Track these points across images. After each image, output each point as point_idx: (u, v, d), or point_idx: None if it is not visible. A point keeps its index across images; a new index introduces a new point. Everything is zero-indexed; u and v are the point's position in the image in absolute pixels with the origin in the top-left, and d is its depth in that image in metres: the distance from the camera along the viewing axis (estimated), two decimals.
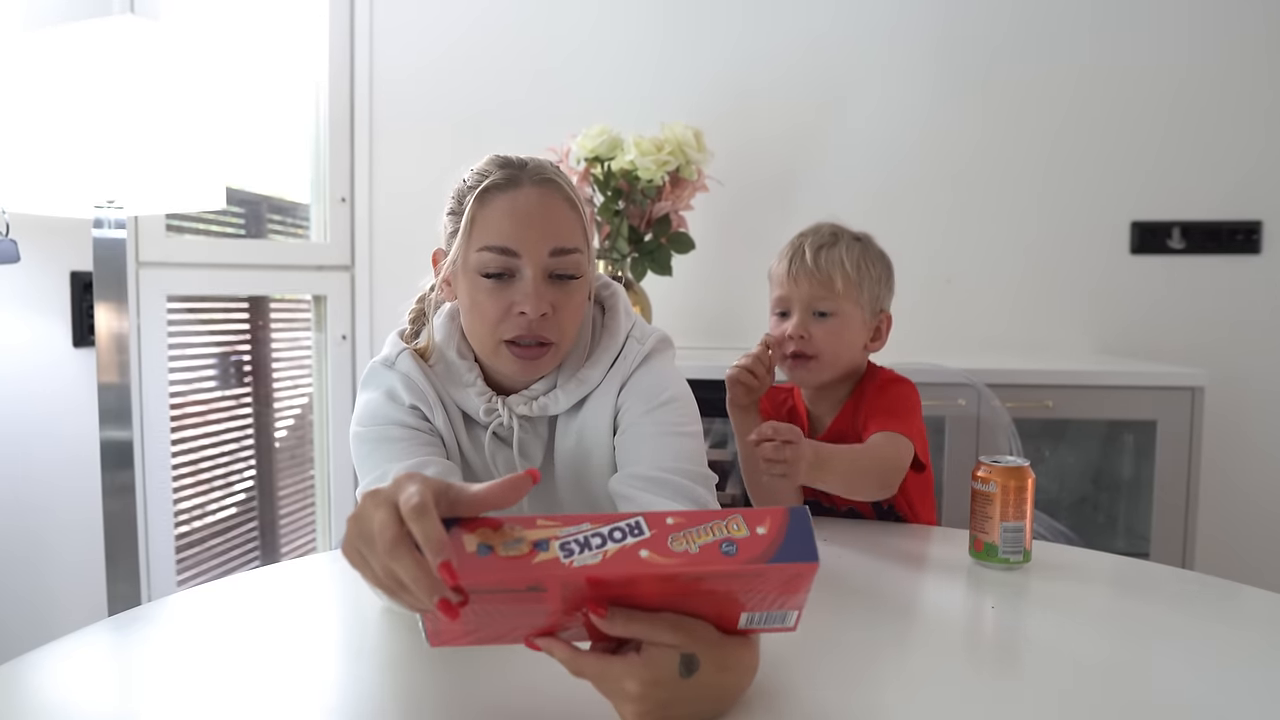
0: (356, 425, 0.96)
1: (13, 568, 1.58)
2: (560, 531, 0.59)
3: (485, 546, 0.58)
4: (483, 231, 0.92)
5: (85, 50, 1.25)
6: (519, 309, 0.91)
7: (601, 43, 2.33)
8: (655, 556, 0.59)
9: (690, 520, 0.60)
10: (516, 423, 0.98)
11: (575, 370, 0.99)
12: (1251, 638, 0.83)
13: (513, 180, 0.92)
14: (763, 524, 0.61)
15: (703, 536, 0.60)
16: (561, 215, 0.93)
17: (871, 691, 0.72)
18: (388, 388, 0.97)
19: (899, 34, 2.30)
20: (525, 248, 0.91)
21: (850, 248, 1.23)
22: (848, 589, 0.97)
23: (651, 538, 0.59)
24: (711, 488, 0.96)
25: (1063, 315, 2.31)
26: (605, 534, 0.59)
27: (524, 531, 0.59)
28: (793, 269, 1.23)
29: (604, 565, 0.58)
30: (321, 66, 2.27)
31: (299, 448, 2.31)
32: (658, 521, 0.60)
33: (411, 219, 2.23)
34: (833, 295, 1.21)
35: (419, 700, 0.69)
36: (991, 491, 0.99)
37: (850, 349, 1.23)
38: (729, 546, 0.60)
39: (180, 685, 0.72)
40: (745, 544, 0.60)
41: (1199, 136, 2.24)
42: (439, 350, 0.99)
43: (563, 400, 0.98)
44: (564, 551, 0.58)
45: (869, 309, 1.24)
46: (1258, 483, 2.24)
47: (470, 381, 0.98)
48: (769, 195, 2.30)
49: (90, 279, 1.47)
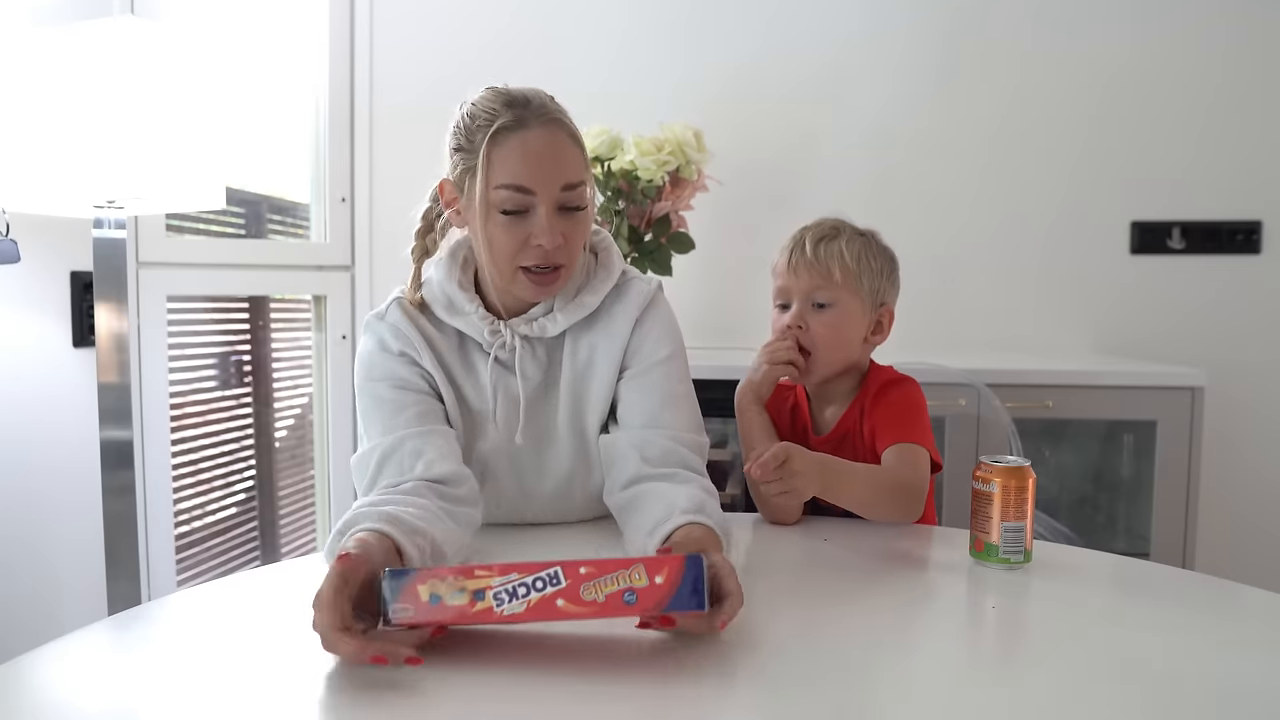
0: (356, 375, 1.09)
1: (13, 567, 1.58)
2: (494, 582, 0.73)
3: (435, 596, 0.74)
4: (498, 171, 0.99)
5: (85, 50, 1.25)
6: (536, 241, 1.00)
7: (601, 43, 2.33)
8: (569, 605, 0.73)
9: (600, 569, 0.73)
10: (519, 342, 1.08)
11: (572, 296, 1.09)
12: (1251, 638, 0.83)
13: (521, 121, 1.01)
14: (660, 573, 0.73)
15: (609, 586, 0.73)
16: (568, 151, 1.02)
17: (872, 691, 0.72)
18: (378, 337, 1.08)
19: (899, 33, 2.30)
20: (540, 185, 0.99)
21: (851, 241, 1.23)
22: (848, 589, 0.97)
23: (567, 588, 0.73)
24: (704, 454, 1.09)
25: (1063, 315, 2.31)
26: (530, 584, 0.73)
27: (465, 582, 0.74)
28: (792, 260, 1.23)
29: (528, 613, 0.73)
30: (321, 66, 2.27)
31: (299, 448, 2.31)
32: (573, 571, 0.73)
33: (411, 219, 2.22)
34: (830, 285, 1.21)
35: (419, 700, 0.69)
36: (992, 491, 0.99)
37: (848, 342, 1.23)
38: (630, 596, 0.72)
39: (180, 685, 0.72)
40: (644, 593, 0.72)
41: (1199, 136, 2.24)
42: (439, 285, 1.09)
43: (561, 321, 1.08)
44: (496, 601, 0.73)
45: (869, 301, 1.23)
46: (1258, 482, 2.24)
47: (471, 310, 1.07)
48: (769, 195, 2.30)
49: (90, 279, 1.47)
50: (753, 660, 0.77)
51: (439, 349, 1.08)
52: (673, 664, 0.76)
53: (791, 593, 0.97)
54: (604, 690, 0.70)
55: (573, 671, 0.73)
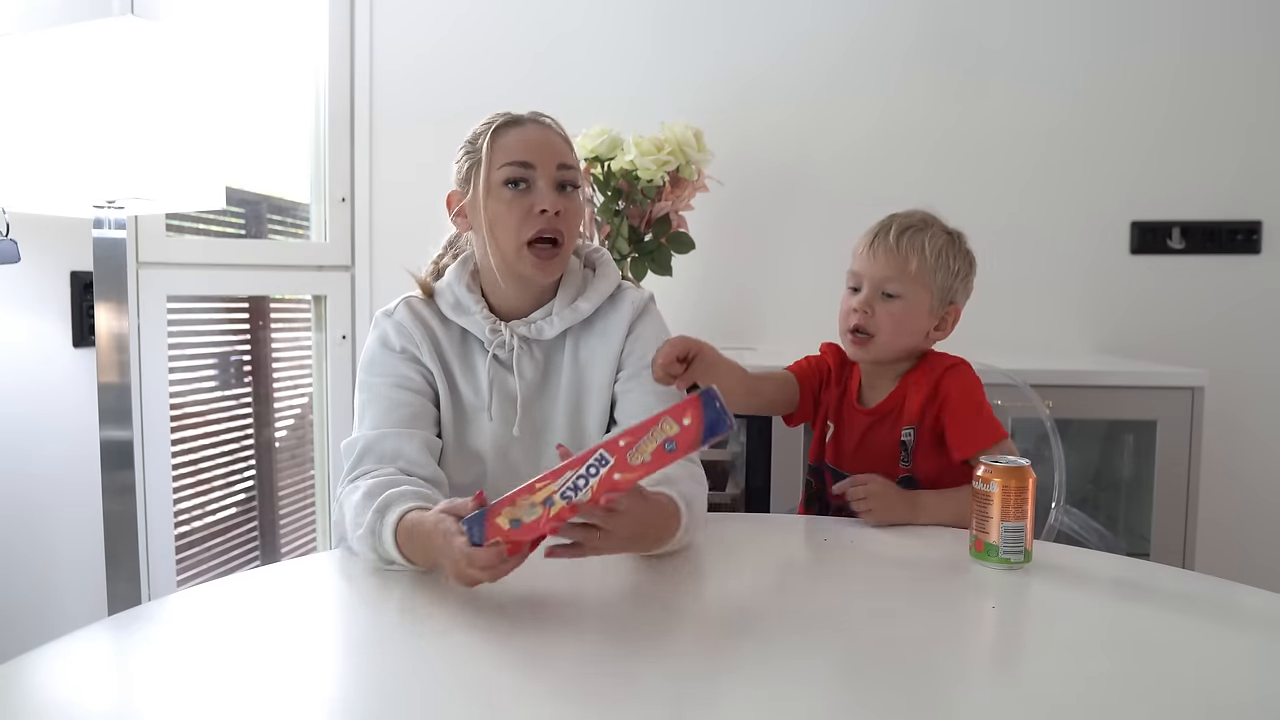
0: (360, 365, 1.17)
1: (13, 567, 1.58)
2: (555, 486, 0.82)
3: (515, 520, 0.82)
4: (501, 154, 1.12)
5: (85, 50, 1.25)
6: (539, 208, 1.11)
7: (602, 43, 2.33)
8: (625, 474, 0.82)
9: (635, 435, 0.82)
10: (517, 342, 1.15)
11: (569, 302, 1.18)
12: (1251, 638, 0.83)
13: (517, 120, 1.16)
14: (686, 415, 0.82)
15: (650, 444, 0.81)
16: (560, 143, 1.16)
17: (871, 691, 0.72)
18: (381, 334, 1.17)
19: (898, 33, 2.29)
20: (539, 160, 1.12)
21: (935, 237, 1.25)
22: (848, 588, 0.97)
23: (616, 462, 0.82)
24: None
25: (1063, 315, 2.31)
26: (585, 473, 0.82)
27: (533, 497, 0.82)
28: (874, 245, 1.25)
29: (595, 494, 0.82)
30: (321, 66, 2.26)
31: (299, 448, 2.31)
32: (614, 447, 0.82)
33: (411, 219, 2.22)
34: (904, 277, 1.23)
35: (418, 699, 0.69)
36: (992, 491, 0.99)
37: (911, 334, 1.25)
38: (670, 445, 0.81)
39: (180, 685, 0.72)
40: (680, 437, 0.81)
41: (1199, 136, 2.24)
42: (446, 287, 1.18)
43: (557, 324, 1.16)
44: (564, 499, 0.82)
45: (939, 298, 1.25)
46: (1258, 482, 2.24)
47: (475, 309, 1.16)
48: (769, 195, 2.30)
49: (90, 279, 1.47)
50: (751, 659, 0.77)
51: (441, 345, 1.17)
52: (671, 662, 0.76)
53: (791, 592, 0.97)
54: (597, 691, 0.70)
55: (571, 683, 0.73)
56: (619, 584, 0.94)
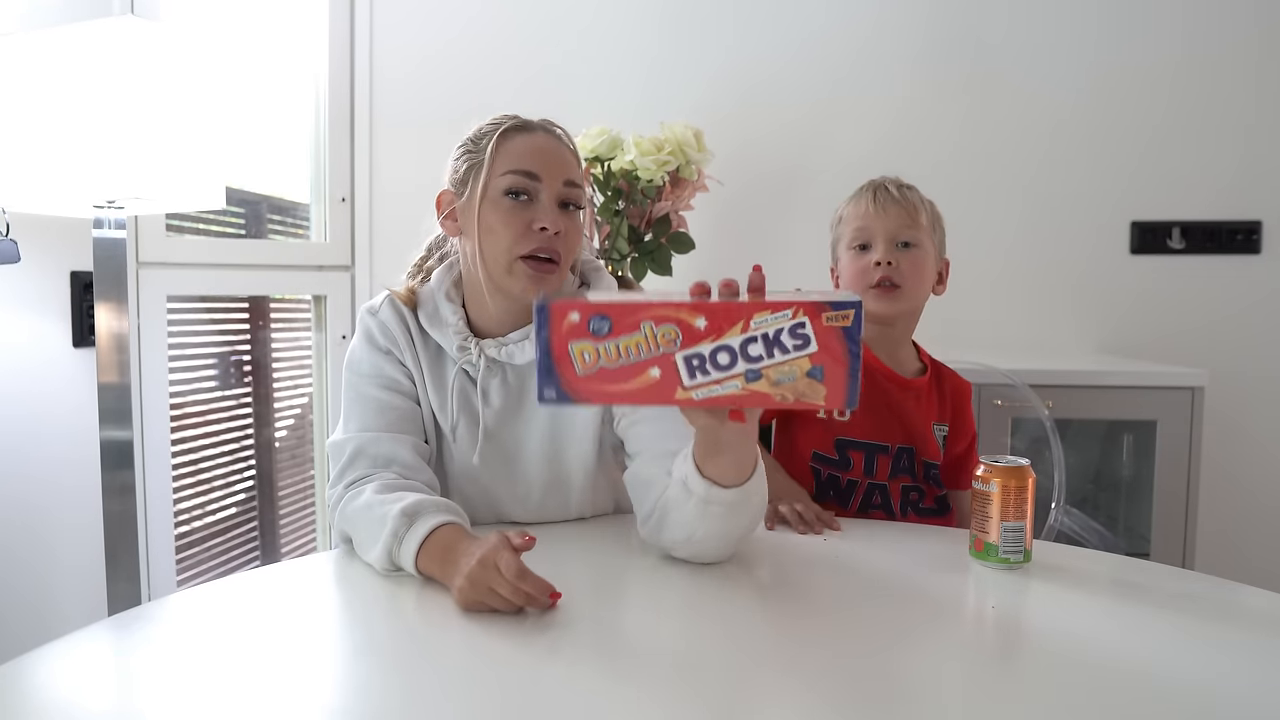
0: (346, 363, 1.12)
1: (13, 567, 1.58)
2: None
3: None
4: (506, 160, 1.05)
5: (85, 50, 1.25)
6: (539, 225, 1.03)
7: (601, 43, 2.33)
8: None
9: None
10: (484, 362, 1.08)
11: None
12: (1251, 638, 0.83)
13: (527, 126, 1.08)
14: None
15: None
16: (569, 158, 1.09)
17: (871, 691, 0.72)
18: (366, 331, 1.12)
19: (898, 33, 2.30)
20: (545, 173, 1.05)
21: (923, 195, 1.31)
22: (848, 588, 0.97)
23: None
24: None
25: (1062, 315, 2.31)
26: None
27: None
28: (879, 199, 1.27)
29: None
30: (321, 66, 2.26)
31: (299, 448, 2.30)
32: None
33: (411, 219, 2.22)
34: (916, 226, 1.26)
35: (419, 700, 0.69)
36: (991, 491, 0.99)
37: (927, 284, 1.29)
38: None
39: (180, 685, 0.72)
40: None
41: (1199, 136, 2.24)
42: (429, 293, 1.12)
43: (529, 350, 1.06)
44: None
45: (938, 250, 1.30)
46: (1258, 482, 2.24)
47: (451, 322, 1.09)
48: (769, 195, 2.30)
49: (90, 279, 1.47)
50: (751, 659, 0.77)
51: (419, 352, 1.11)
52: (671, 661, 0.76)
53: (791, 592, 0.97)
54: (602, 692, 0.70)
55: (572, 683, 0.73)
56: (619, 586, 0.94)
